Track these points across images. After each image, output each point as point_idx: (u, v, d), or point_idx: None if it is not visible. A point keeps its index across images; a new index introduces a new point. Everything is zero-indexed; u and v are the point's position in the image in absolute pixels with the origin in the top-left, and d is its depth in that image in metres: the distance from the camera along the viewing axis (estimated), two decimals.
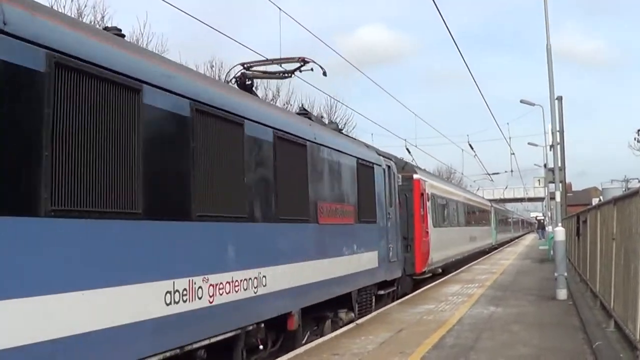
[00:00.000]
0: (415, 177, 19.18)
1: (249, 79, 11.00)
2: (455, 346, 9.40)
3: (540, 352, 8.90)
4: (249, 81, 10.94)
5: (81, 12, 20.57)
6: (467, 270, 25.33)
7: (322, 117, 30.12)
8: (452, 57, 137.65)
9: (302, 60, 11.52)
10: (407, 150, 35.48)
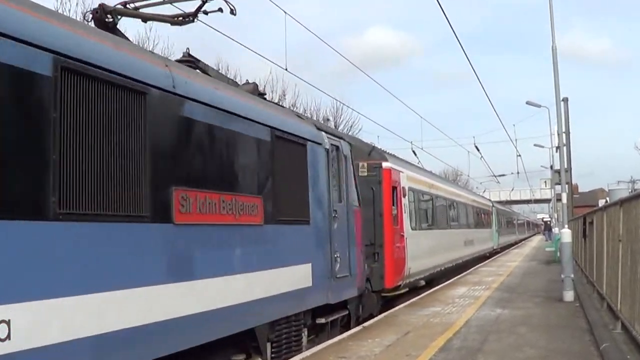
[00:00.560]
0: (385, 165, 15.09)
1: (111, 14, 7.77)
2: (462, 349, 9.40)
3: (547, 354, 8.89)
4: (110, 18, 7.75)
5: (86, 15, 20.68)
6: (473, 272, 25.28)
7: (327, 119, 30.16)
8: (457, 59, 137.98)
9: None
10: (414, 152, 35.40)
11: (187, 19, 8.73)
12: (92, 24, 7.75)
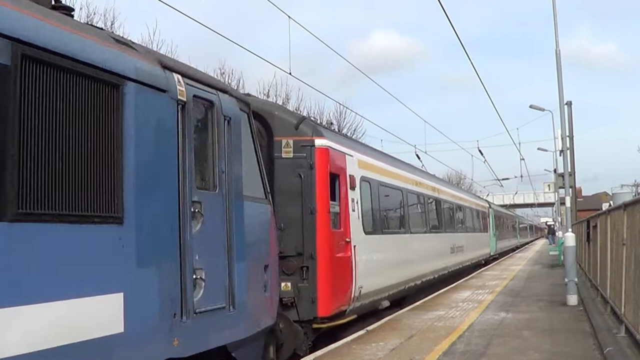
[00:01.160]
0: (319, 143, 10.64)
1: None
2: (466, 352, 9.40)
3: (551, 358, 8.90)
4: None
5: (91, 18, 20.77)
6: (477, 276, 25.27)
7: (331, 123, 30.21)
8: (461, 63, 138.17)
9: None
10: (417, 156, 35.36)
11: None
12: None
